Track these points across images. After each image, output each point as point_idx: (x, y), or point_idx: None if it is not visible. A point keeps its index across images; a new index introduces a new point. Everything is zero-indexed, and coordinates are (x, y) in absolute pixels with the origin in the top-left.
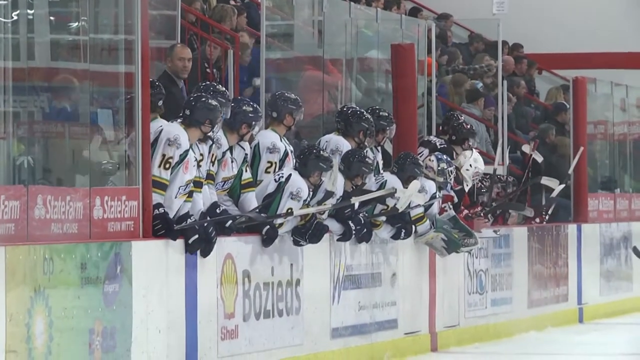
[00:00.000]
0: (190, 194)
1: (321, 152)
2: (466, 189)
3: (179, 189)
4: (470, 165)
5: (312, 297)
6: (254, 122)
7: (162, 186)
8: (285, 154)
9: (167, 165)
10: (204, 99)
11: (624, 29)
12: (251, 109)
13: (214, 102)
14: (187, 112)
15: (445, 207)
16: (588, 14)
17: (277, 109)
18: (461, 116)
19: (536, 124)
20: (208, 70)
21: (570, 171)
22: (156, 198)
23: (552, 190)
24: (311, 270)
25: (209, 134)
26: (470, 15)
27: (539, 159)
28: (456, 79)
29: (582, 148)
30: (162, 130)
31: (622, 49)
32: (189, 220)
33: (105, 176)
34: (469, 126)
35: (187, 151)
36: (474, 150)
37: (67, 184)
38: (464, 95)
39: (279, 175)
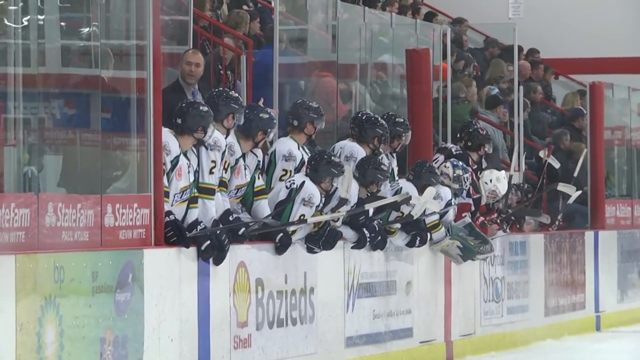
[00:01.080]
0: (194, 201)
1: (332, 157)
2: (482, 202)
3: (175, 196)
4: (491, 180)
5: (326, 306)
6: (269, 129)
7: (165, 194)
8: (302, 163)
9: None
10: (195, 106)
11: None
12: (267, 115)
13: (205, 109)
14: (179, 120)
15: (464, 215)
16: (605, 18)
17: (298, 117)
18: (477, 122)
19: (553, 130)
20: (222, 72)
21: (576, 174)
22: (165, 206)
23: (569, 196)
24: (325, 278)
25: (203, 139)
26: (486, 19)
27: (556, 165)
28: (464, 81)
29: (585, 150)
30: None
31: None
32: (199, 228)
33: (113, 184)
34: (484, 132)
35: (177, 157)
36: (503, 172)
37: (78, 192)
38: (476, 99)
39: (290, 181)
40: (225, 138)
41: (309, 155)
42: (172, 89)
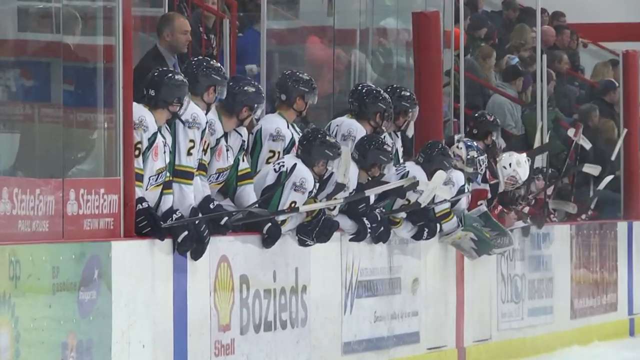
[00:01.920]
0: (168, 185)
1: (327, 137)
2: (500, 189)
3: (150, 179)
4: (510, 164)
5: (320, 307)
6: (256, 105)
7: (139, 177)
8: (292, 143)
9: (137, 152)
10: (169, 76)
11: None
12: (253, 89)
13: (180, 78)
14: (152, 92)
15: (480, 204)
16: None
17: (286, 91)
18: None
19: (580, 105)
20: (203, 38)
21: (613, 157)
22: (136, 191)
23: (600, 182)
24: (319, 275)
25: (178, 112)
26: None
27: (587, 145)
28: (483, 51)
29: (625, 130)
30: None
31: None
32: (174, 217)
33: (77, 166)
34: (492, 118)
35: (155, 134)
36: (524, 155)
37: (36, 175)
38: (493, 70)
39: (279, 164)
40: (206, 114)
41: (300, 134)
42: (153, 57)
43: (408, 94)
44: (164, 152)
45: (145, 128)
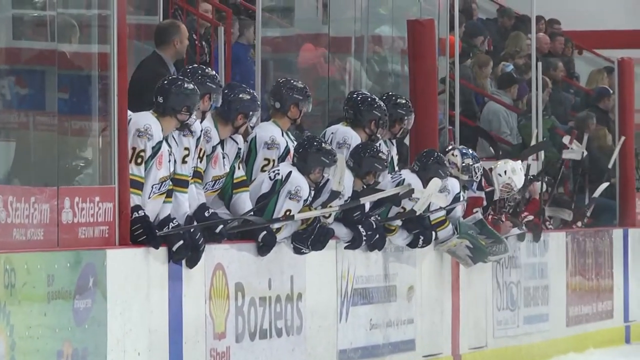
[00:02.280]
0: (169, 194)
1: (323, 144)
2: (495, 196)
3: (153, 187)
4: (505, 172)
5: (315, 314)
6: (251, 112)
7: (138, 185)
8: (287, 151)
9: (140, 160)
10: (179, 83)
11: None
12: (249, 96)
13: (190, 86)
14: (161, 99)
15: (475, 211)
16: None
17: (281, 99)
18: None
19: (576, 112)
20: (197, 43)
21: (611, 165)
22: (133, 199)
23: (595, 189)
24: (315, 282)
25: (187, 122)
26: None
27: (578, 153)
28: (480, 59)
29: (623, 137)
30: (130, 120)
31: None
32: (171, 225)
33: (73, 175)
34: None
35: (160, 143)
36: (519, 162)
37: (31, 183)
38: (489, 79)
39: (274, 172)
40: (201, 122)
41: (294, 142)
42: (158, 63)
43: (403, 101)
44: (169, 160)
45: (149, 136)
